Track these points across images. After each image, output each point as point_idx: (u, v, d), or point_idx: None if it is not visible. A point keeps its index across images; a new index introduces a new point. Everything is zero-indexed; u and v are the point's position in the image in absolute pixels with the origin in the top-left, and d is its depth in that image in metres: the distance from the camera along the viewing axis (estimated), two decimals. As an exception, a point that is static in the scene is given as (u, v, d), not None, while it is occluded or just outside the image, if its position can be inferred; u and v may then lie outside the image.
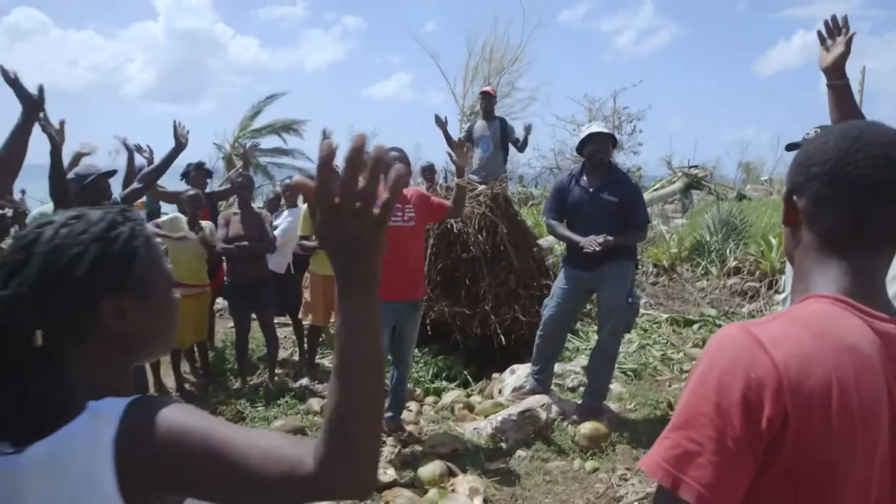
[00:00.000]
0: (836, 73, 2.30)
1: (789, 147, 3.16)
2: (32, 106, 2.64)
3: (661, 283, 7.46)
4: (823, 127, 2.55)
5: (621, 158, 14.27)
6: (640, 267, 5.83)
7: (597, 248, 4.09)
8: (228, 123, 21.55)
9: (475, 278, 5.43)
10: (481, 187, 5.84)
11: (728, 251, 7.64)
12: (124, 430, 0.82)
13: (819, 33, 2.34)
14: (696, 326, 6.22)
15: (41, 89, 2.65)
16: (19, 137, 2.63)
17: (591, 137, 4.31)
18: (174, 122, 4.13)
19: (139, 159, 5.37)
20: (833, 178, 0.94)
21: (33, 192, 9.21)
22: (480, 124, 6.97)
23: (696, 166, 14.22)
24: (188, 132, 4.17)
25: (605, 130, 4.41)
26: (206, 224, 5.18)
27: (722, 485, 0.85)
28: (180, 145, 4.02)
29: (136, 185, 4.02)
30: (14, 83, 2.65)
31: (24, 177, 2.99)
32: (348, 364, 0.80)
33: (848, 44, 2.27)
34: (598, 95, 16.21)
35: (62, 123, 3.25)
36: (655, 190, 12.84)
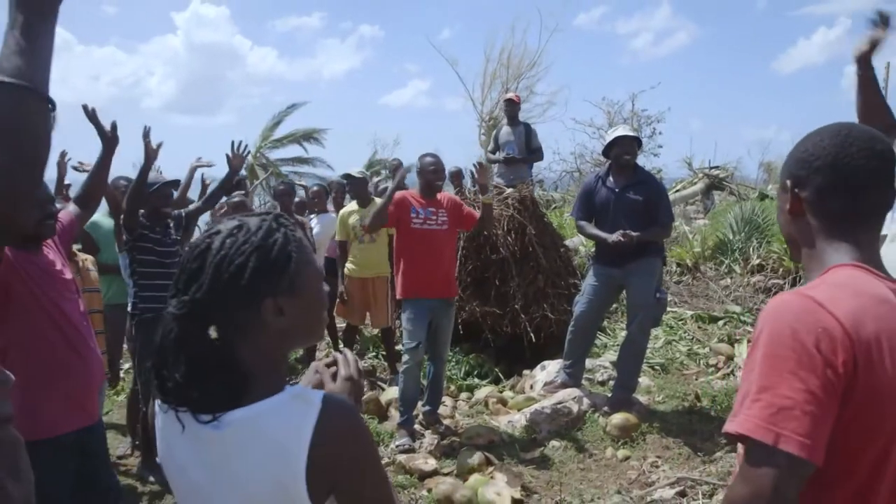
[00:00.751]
0: (864, 64, 2.53)
1: None
2: (108, 142, 2.74)
3: (685, 281, 7.55)
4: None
5: (641, 161, 14.24)
6: (665, 265, 5.95)
7: (621, 240, 4.25)
8: (248, 134, 21.91)
9: (504, 278, 5.60)
10: (509, 190, 6.02)
11: (751, 249, 7.69)
12: (325, 418, 1.00)
13: (872, 20, 2.51)
14: (720, 323, 6.32)
15: (114, 126, 2.75)
16: (100, 173, 2.78)
17: (618, 140, 4.48)
18: (233, 142, 4.19)
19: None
20: (834, 169, 1.12)
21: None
22: (506, 130, 7.17)
23: (716, 167, 14.21)
24: (248, 154, 4.32)
25: (631, 134, 4.60)
26: None
27: (818, 432, 0.95)
28: (234, 169, 4.15)
29: (199, 204, 4.26)
30: (93, 119, 2.76)
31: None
32: None
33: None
34: (617, 98, 16.32)
35: (160, 145, 3.54)
36: (677, 191, 12.86)
